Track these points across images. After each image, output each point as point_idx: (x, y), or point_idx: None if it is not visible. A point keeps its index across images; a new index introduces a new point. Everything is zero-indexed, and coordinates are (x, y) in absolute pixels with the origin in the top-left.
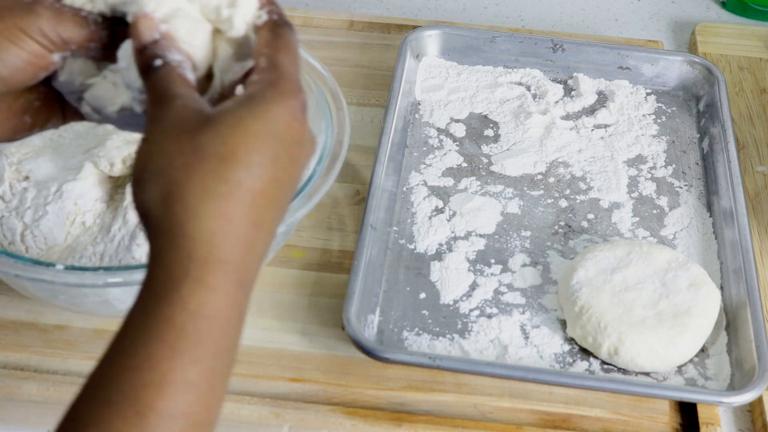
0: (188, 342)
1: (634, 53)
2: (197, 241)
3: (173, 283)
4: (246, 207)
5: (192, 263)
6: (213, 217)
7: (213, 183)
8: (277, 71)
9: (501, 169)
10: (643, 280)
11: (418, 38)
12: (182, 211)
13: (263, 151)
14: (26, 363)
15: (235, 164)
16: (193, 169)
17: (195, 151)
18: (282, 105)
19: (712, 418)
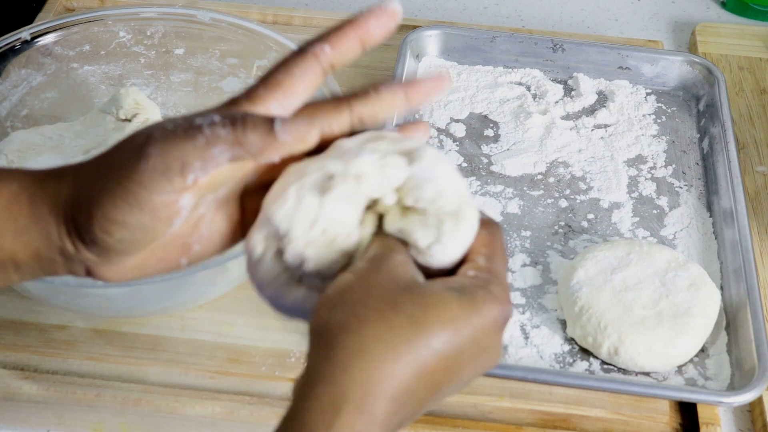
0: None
1: (634, 53)
2: (356, 384)
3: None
4: (412, 376)
5: (345, 404)
6: (380, 368)
7: (394, 338)
8: (492, 274)
9: (501, 169)
10: (643, 280)
11: (418, 38)
12: (355, 349)
13: (455, 341)
14: (26, 363)
15: (422, 332)
16: (383, 315)
17: (393, 304)
18: (490, 308)
19: (712, 418)
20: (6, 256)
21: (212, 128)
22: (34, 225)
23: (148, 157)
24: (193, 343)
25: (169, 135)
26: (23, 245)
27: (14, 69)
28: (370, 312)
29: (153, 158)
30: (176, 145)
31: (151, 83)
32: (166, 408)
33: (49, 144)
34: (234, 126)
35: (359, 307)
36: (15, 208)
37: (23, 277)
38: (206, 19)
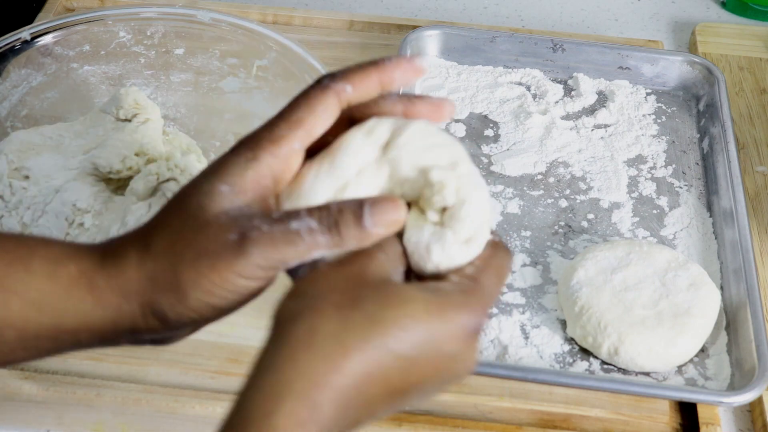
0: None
1: (634, 53)
2: (300, 375)
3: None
4: (361, 374)
5: (289, 394)
6: (326, 361)
7: (348, 333)
8: (476, 284)
9: (501, 169)
10: (643, 280)
11: (418, 38)
12: (302, 340)
13: (409, 340)
14: (26, 363)
15: (378, 331)
16: (339, 310)
17: (354, 299)
18: (460, 314)
19: (712, 418)
20: (65, 334)
21: (312, 235)
22: (99, 309)
23: (250, 256)
24: (193, 343)
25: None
26: (85, 326)
27: (14, 69)
28: (327, 305)
29: (255, 257)
30: (278, 250)
31: (151, 83)
32: (166, 408)
33: (49, 144)
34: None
35: (319, 299)
36: (75, 292)
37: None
38: (206, 19)
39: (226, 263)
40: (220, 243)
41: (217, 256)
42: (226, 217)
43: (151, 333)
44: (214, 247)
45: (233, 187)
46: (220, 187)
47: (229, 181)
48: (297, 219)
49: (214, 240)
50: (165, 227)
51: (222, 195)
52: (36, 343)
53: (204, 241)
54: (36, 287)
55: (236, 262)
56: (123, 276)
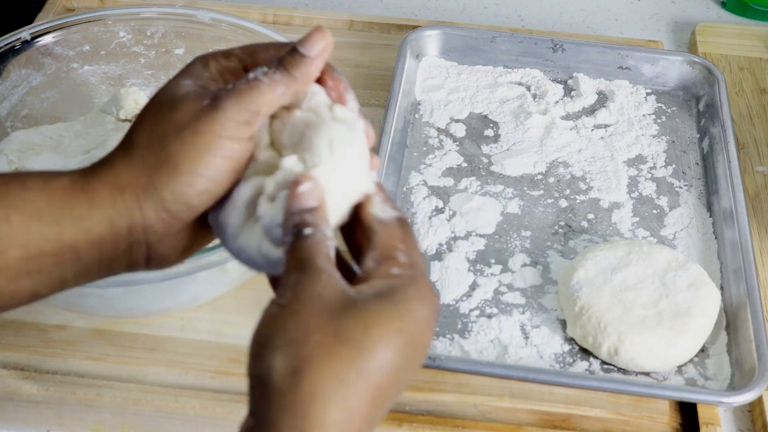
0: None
1: (634, 53)
2: (317, 428)
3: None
4: (367, 402)
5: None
6: (338, 407)
7: (346, 371)
8: (416, 270)
9: (501, 169)
10: (643, 280)
11: (418, 38)
12: (309, 393)
13: (398, 351)
14: (26, 363)
15: (371, 357)
16: (329, 350)
17: (336, 333)
18: (423, 308)
19: (712, 418)
20: (66, 245)
21: (268, 76)
22: (95, 211)
23: (225, 110)
24: (193, 343)
25: (235, 92)
26: (84, 232)
27: (14, 69)
28: (313, 349)
29: (230, 110)
30: (247, 97)
31: (151, 83)
32: (166, 408)
33: (49, 144)
34: (284, 68)
35: (301, 346)
36: (70, 198)
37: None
38: (206, 19)
39: (205, 124)
40: (197, 110)
41: (197, 120)
42: (195, 93)
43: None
44: (192, 115)
45: (195, 80)
46: (184, 81)
47: (189, 78)
48: (250, 72)
49: (189, 111)
50: (143, 123)
51: (186, 85)
52: (39, 263)
53: (181, 114)
54: (33, 199)
55: (215, 120)
56: (113, 171)
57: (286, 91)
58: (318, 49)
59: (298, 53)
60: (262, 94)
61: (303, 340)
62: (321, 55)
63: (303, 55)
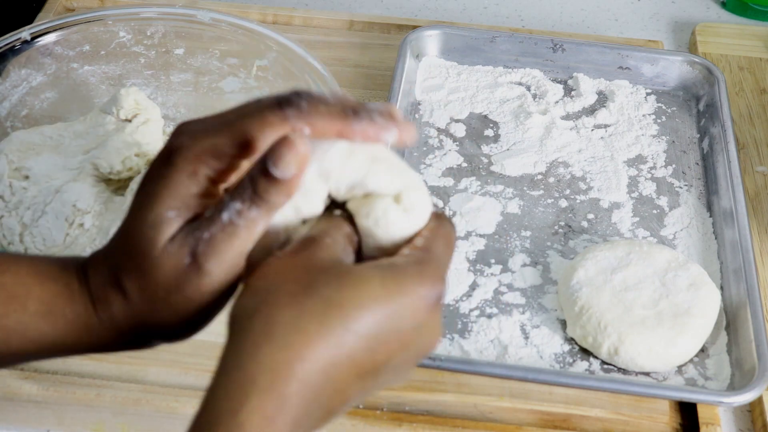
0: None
1: (634, 53)
2: (263, 369)
3: (232, 405)
4: (326, 359)
5: (254, 389)
6: (290, 348)
7: (306, 320)
8: (428, 253)
9: (501, 169)
10: (643, 280)
11: (418, 38)
12: (262, 333)
13: (371, 318)
14: (26, 363)
15: (336, 313)
16: (294, 299)
17: (308, 286)
18: (418, 285)
19: (712, 418)
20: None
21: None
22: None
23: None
24: (193, 343)
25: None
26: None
27: (14, 69)
28: (281, 296)
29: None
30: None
31: (151, 83)
32: (166, 408)
33: (49, 144)
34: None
35: (272, 292)
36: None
37: None
38: (206, 19)
39: (193, 288)
40: (180, 272)
41: (183, 286)
42: (173, 246)
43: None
44: (177, 279)
45: (179, 210)
46: (166, 215)
47: (173, 205)
48: (225, 209)
49: (173, 273)
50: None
51: (168, 222)
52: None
53: (166, 277)
54: (34, 327)
55: (201, 283)
56: (114, 319)
57: (267, 221)
58: (293, 169)
59: (272, 177)
60: (242, 239)
61: (274, 288)
62: (298, 173)
63: (277, 179)
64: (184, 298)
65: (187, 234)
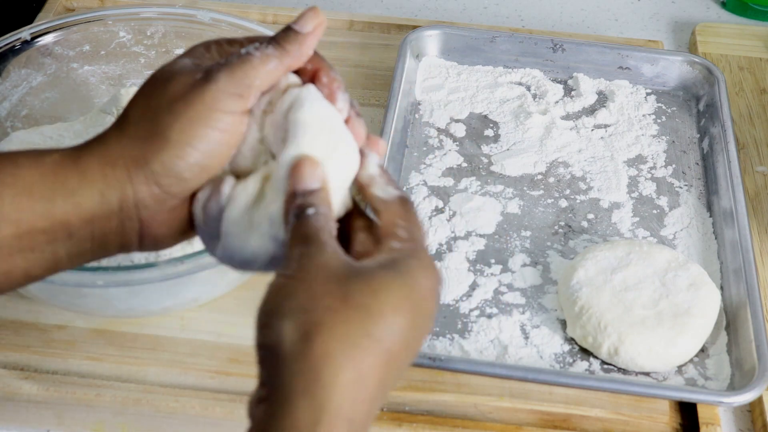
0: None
1: (634, 53)
2: (331, 392)
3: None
4: (379, 366)
5: (324, 415)
6: (350, 369)
7: (356, 334)
8: (416, 244)
9: (501, 169)
10: (643, 280)
11: (418, 38)
12: (321, 356)
13: (407, 316)
14: (26, 363)
15: (380, 320)
16: (339, 314)
17: (344, 297)
18: (426, 278)
19: (712, 418)
20: (57, 222)
21: (261, 50)
22: (86, 185)
23: (217, 82)
24: (193, 343)
25: (228, 66)
26: (74, 207)
27: (14, 69)
28: (323, 313)
29: (222, 82)
30: (240, 70)
31: None
32: (166, 408)
33: (49, 144)
34: (277, 42)
35: (310, 311)
36: (61, 172)
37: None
38: (206, 19)
39: (197, 96)
40: (189, 83)
41: (188, 93)
42: (187, 68)
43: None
44: (185, 88)
45: (193, 59)
46: (184, 59)
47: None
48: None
49: (183, 84)
50: (137, 100)
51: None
52: (31, 241)
53: (174, 88)
54: (24, 176)
55: (207, 92)
56: (105, 146)
57: (279, 65)
58: (311, 26)
59: (291, 29)
60: (255, 67)
61: (311, 306)
62: (314, 32)
63: (296, 31)
64: (185, 104)
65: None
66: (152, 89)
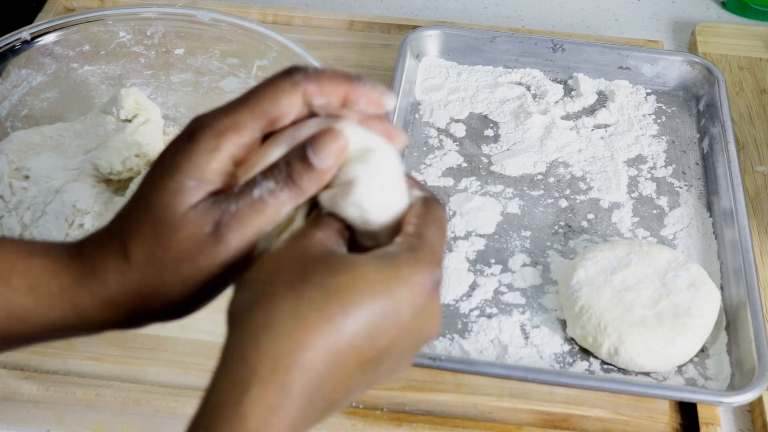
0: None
1: (634, 53)
2: (264, 358)
3: (233, 396)
4: (327, 346)
5: (255, 378)
6: (289, 339)
7: (305, 307)
8: (420, 239)
9: (501, 169)
10: (643, 280)
11: (418, 38)
12: (262, 324)
13: (370, 305)
14: (26, 363)
15: (335, 300)
16: (291, 288)
17: (304, 275)
18: (414, 271)
19: (712, 418)
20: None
21: (274, 196)
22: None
23: (228, 242)
24: (193, 343)
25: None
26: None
27: (14, 69)
28: (279, 287)
29: (233, 242)
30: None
31: (151, 83)
32: (166, 408)
33: (49, 144)
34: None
35: (269, 283)
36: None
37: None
38: (206, 19)
39: (208, 258)
40: (197, 240)
41: (198, 254)
42: (195, 213)
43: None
44: (193, 247)
45: (200, 181)
46: (187, 183)
47: (194, 176)
48: (256, 186)
49: (190, 240)
50: (138, 235)
51: (189, 191)
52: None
53: (181, 244)
54: (18, 302)
55: (217, 253)
56: (107, 291)
57: (295, 205)
58: (332, 160)
59: (309, 164)
60: (267, 217)
61: (271, 279)
62: (335, 165)
63: (313, 167)
64: (194, 268)
65: (213, 204)
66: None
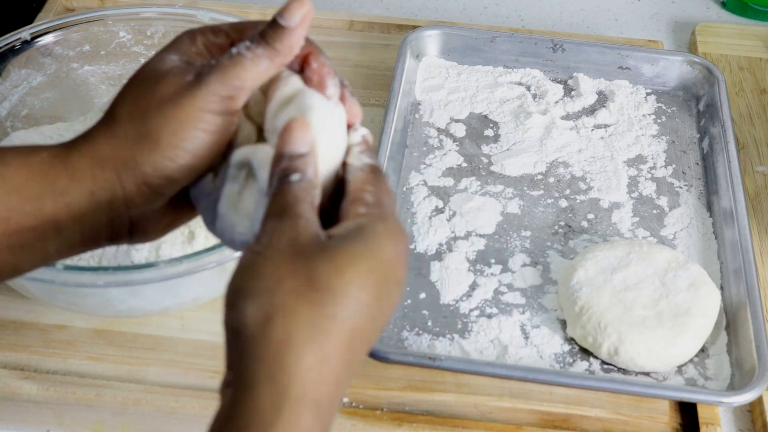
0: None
1: (634, 53)
2: (294, 377)
3: (265, 420)
4: (343, 346)
5: (287, 401)
6: (313, 352)
7: (319, 316)
8: (383, 209)
9: (501, 169)
10: (643, 280)
11: (418, 38)
12: (283, 340)
13: (372, 291)
14: (26, 363)
15: (344, 300)
16: (302, 296)
17: (308, 278)
18: (393, 243)
19: (712, 418)
20: (47, 221)
21: (251, 50)
22: (76, 185)
23: (209, 84)
24: (193, 343)
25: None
26: (64, 206)
27: (14, 69)
28: (287, 296)
29: (213, 84)
30: (231, 72)
31: None
32: (166, 408)
33: (50, 144)
34: (266, 42)
35: (274, 293)
36: (50, 172)
37: (62, 247)
38: (206, 19)
39: (188, 99)
40: (180, 85)
41: (179, 95)
42: (179, 68)
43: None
44: (175, 90)
45: (180, 56)
46: (169, 56)
47: (176, 53)
48: (236, 46)
49: (172, 86)
50: (125, 97)
51: (171, 60)
52: (20, 238)
53: (164, 89)
54: (13, 174)
55: (198, 95)
56: (94, 145)
57: (270, 65)
58: (297, 19)
59: (278, 25)
60: (246, 69)
61: (276, 287)
62: (301, 24)
63: (283, 27)
64: (176, 107)
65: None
66: (141, 88)
